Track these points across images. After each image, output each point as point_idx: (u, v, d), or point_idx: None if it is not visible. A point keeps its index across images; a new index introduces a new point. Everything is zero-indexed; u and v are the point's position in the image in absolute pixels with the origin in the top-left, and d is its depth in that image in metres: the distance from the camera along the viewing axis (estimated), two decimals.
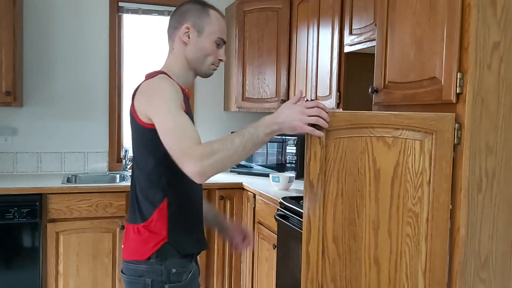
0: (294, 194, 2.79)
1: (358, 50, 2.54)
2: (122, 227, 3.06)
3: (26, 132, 3.51)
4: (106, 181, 3.56)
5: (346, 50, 2.64)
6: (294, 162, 3.46)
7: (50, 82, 3.54)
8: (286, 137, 3.50)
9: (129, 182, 3.31)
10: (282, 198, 2.60)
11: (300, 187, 3.06)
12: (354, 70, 2.71)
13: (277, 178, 3.00)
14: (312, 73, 3.04)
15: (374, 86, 1.90)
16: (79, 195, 3.01)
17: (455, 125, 1.43)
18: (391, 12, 1.80)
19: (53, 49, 3.54)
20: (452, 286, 1.46)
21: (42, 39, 3.51)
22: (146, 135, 1.50)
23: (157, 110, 1.44)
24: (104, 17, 3.63)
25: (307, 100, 2.78)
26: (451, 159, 1.43)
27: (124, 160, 3.68)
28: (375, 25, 2.09)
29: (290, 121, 1.37)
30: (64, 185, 3.07)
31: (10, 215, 2.86)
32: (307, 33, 3.12)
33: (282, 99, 3.45)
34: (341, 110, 2.73)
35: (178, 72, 1.63)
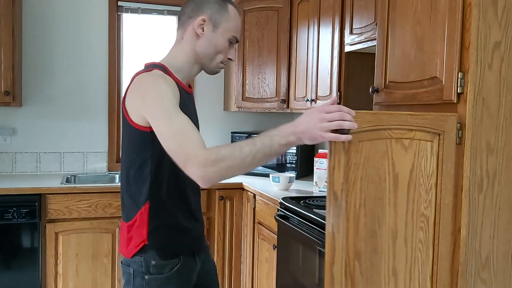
0: (294, 195, 2.78)
1: (359, 49, 2.53)
2: None
3: (25, 132, 3.50)
4: (106, 181, 3.55)
5: (347, 49, 2.63)
6: (294, 162, 3.45)
7: (49, 82, 3.54)
8: None
9: None
10: (282, 199, 2.59)
11: (300, 187, 3.06)
12: (355, 70, 2.70)
13: (277, 178, 2.99)
14: (312, 72, 3.03)
15: (374, 86, 1.89)
16: (79, 195, 3.00)
17: (457, 125, 1.43)
18: (392, 11, 1.79)
19: (52, 48, 3.53)
20: (453, 286, 1.45)
21: (41, 39, 3.50)
22: (134, 135, 1.47)
23: (153, 113, 1.38)
24: (103, 16, 3.63)
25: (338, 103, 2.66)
26: (454, 160, 1.43)
27: None
28: (376, 24, 2.09)
29: (309, 130, 1.26)
30: (63, 185, 3.06)
31: (9, 216, 2.85)
32: (308, 32, 3.12)
33: (282, 99, 3.45)
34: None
35: (182, 64, 1.58)
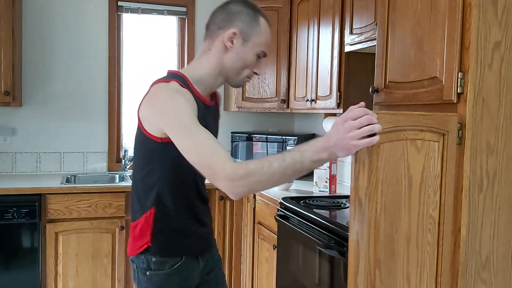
0: (294, 194, 2.78)
1: (359, 49, 2.53)
2: (122, 228, 3.06)
3: (25, 132, 3.50)
4: (106, 181, 3.54)
5: (347, 49, 2.63)
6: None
7: (49, 82, 3.53)
8: (286, 137, 3.49)
9: (128, 183, 3.32)
10: (282, 199, 2.59)
11: (300, 187, 3.06)
12: (355, 69, 2.70)
13: None
14: (312, 72, 3.03)
15: (374, 86, 1.90)
16: (78, 195, 3.00)
17: (457, 125, 1.43)
18: (392, 11, 1.79)
19: (52, 48, 3.53)
20: (453, 286, 1.45)
21: (41, 39, 3.50)
22: (146, 143, 1.47)
23: (173, 128, 1.37)
24: (103, 16, 3.63)
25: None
26: (455, 160, 1.42)
27: (123, 160, 3.67)
28: (376, 24, 2.09)
29: (341, 142, 1.21)
30: (63, 185, 3.06)
31: (9, 216, 2.85)
32: (308, 32, 3.12)
33: (282, 99, 3.44)
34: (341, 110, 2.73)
35: (205, 76, 1.54)
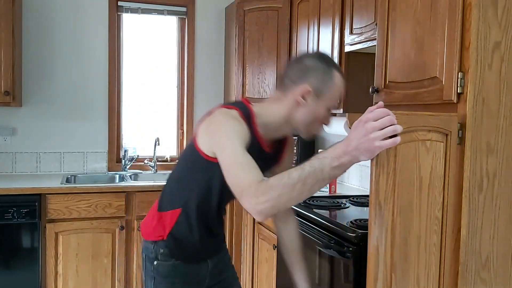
0: None
1: (359, 49, 2.53)
2: (122, 227, 3.06)
3: (25, 132, 3.50)
4: (106, 181, 3.54)
5: (347, 49, 2.63)
6: (294, 162, 3.45)
7: (49, 82, 3.53)
8: None
9: (128, 183, 3.33)
10: None
11: None
12: (355, 70, 2.70)
13: None
14: None
15: (374, 86, 1.89)
16: (78, 195, 3.00)
17: (457, 125, 1.43)
18: (392, 11, 1.79)
19: (52, 48, 3.53)
20: (453, 286, 1.45)
21: (41, 39, 3.50)
22: (194, 156, 1.53)
23: (221, 147, 1.40)
24: (103, 16, 3.63)
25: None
26: (457, 160, 1.42)
27: (123, 160, 3.67)
28: (376, 24, 2.09)
29: (363, 145, 1.14)
30: (63, 185, 3.06)
31: (9, 216, 2.85)
32: (308, 32, 3.12)
33: None
34: (341, 110, 2.73)
35: (272, 123, 1.53)
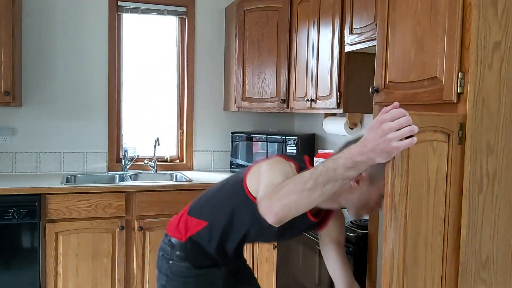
0: None
1: (359, 49, 2.53)
2: (122, 227, 3.06)
3: (25, 132, 3.50)
4: (106, 181, 3.54)
5: (347, 49, 2.63)
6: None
7: (49, 82, 3.54)
8: (286, 137, 3.49)
9: (128, 183, 3.33)
10: None
11: None
12: (355, 69, 2.70)
13: None
14: (312, 72, 3.03)
15: (374, 85, 1.89)
16: (78, 195, 3.00)
17: (457, 125, 1.42)
18: (392, 11, 1.79)
19: (52, 48, 3.53)
20: (453, 286, 1.45)
21: (41, 39, 3.50)
22: (238, 187, 1.60)
23: (263, 177, 1.49)
24: (103, 16, 3.63)
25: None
26: (458, 160, 1.42)
27: (123, 160, 3.67)
28: (376, 24, 2.09)
29: (380, 146, 1.12)
30: (63, 185, 3.06)
31: (9, 216, 2.85)
32: (308, 32, 3.12)
33: (282, 99, 3.44)
34: (341, 110, 2.73)
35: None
